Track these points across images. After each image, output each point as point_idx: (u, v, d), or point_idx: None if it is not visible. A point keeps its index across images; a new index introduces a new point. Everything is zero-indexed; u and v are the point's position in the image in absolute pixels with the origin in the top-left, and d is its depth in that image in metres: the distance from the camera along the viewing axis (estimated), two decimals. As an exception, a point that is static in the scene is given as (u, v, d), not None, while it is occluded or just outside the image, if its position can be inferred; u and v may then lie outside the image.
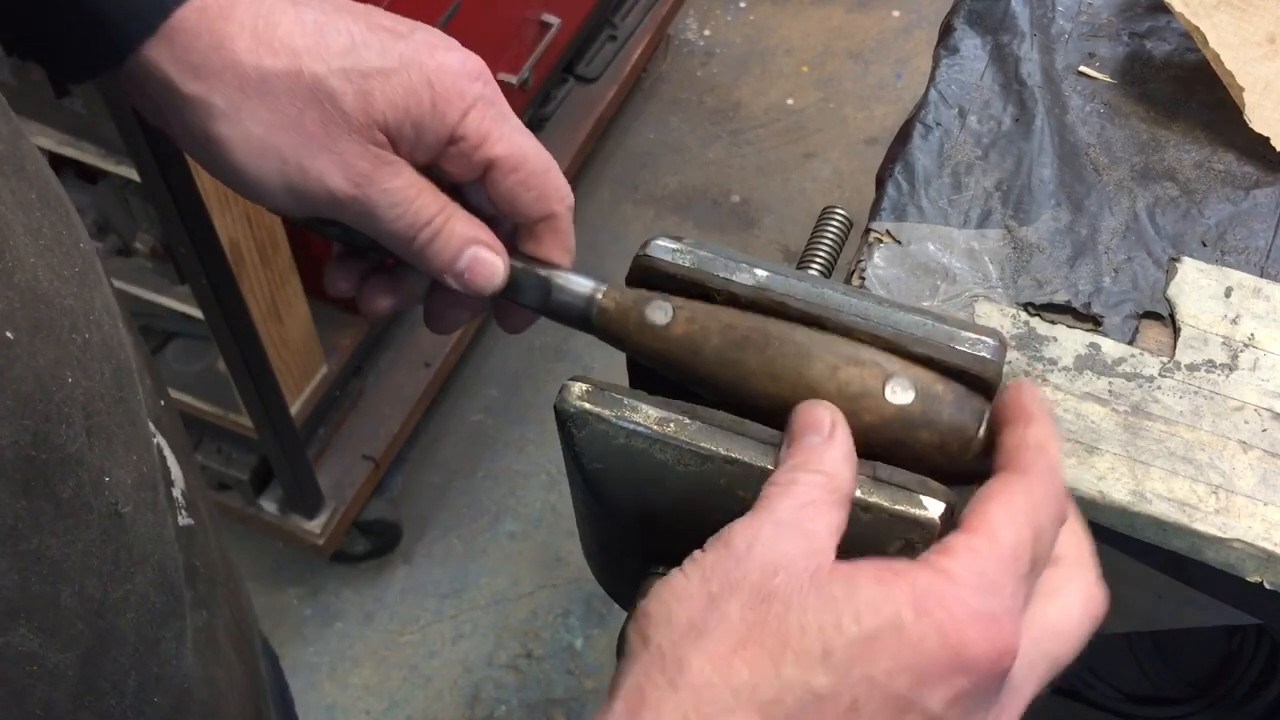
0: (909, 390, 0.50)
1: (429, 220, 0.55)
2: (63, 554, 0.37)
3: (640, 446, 0.52)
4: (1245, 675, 1.30)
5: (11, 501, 0.35)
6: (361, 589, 1.88)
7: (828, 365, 0.50)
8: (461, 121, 0.54)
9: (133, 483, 0.41)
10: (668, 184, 2.33)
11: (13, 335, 0.35)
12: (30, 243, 0.38)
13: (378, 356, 1.88)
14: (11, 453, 0.34)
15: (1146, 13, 0.91)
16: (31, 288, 0.37)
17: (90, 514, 0.38)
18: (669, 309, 0.53)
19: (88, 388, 0.39)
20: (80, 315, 0.40)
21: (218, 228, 1.29)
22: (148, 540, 0.42)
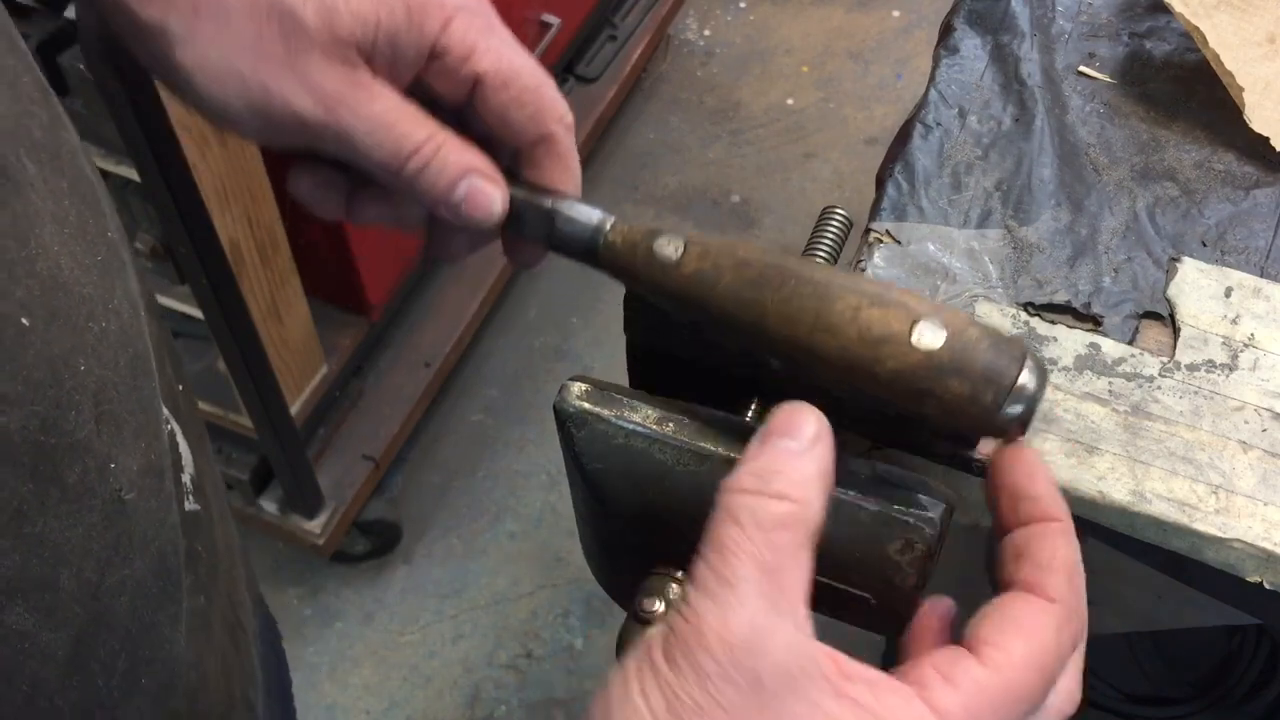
0: (939, 333, 0.45)
1: (415, 148, 0.50)
2: (64, 537, 0.37)
3: (640, 446, 0.52)
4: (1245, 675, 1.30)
5: (18, 484, 0.35)
6: (361, 589, 1.88)
7: (849, 306, 0.46)
8: (443, 33, 0.50)
9: (139, 469, 0.41)
10: (668, 184, 2.33)
11: (28, 322, 0.35)
12: (56, 231, 0.38)
13: (378, 356, 1.88)
14: (20, 436, 0.35)
15: (1146, 13, 0.91)
16: (53, 275, 0.37)
17: (94, 499, 0.38)
18: (680, 243, 0.49)
19: (100, 375, 0.39)
20: (99, 303, 0.40)
21: (218, 228, 1.29)
22: (149, 526, 0.43)
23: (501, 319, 2.11)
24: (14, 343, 0.35)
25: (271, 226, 1.47)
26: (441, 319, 1.93)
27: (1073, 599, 0.42)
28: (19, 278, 0.35)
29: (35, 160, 0.38)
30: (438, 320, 1.93)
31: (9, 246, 0.35)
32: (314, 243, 1.62)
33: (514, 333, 2.11)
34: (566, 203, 0.53)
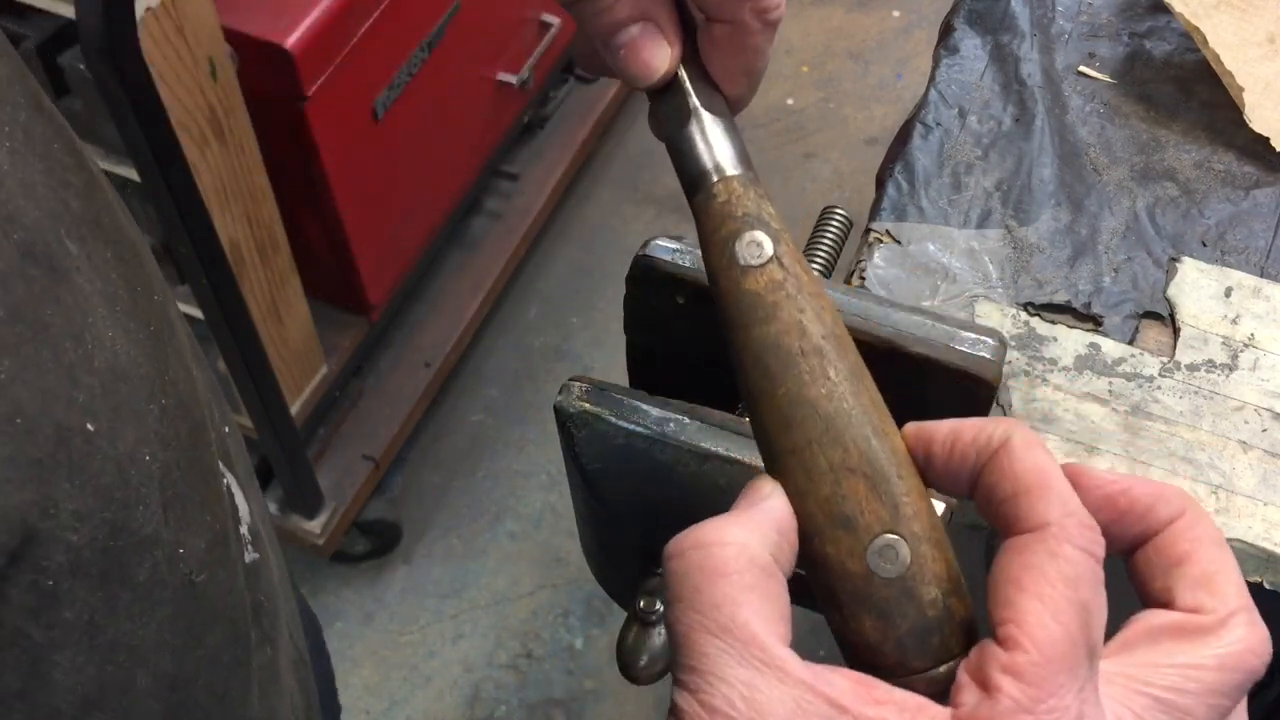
0: (898, 562, 0.36)
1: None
2: (138, 637, 0.35)
3: (640, 446, 0.52)
4: (1245, 675, 1.30)
5: (89, 597, 0.33)
6: (361, 589, 1.89)
7: (844, 462, 0.37)
8: None
9: (206, 546, 0.39)
10: (668, 184, 2.33)
11: (93, 426, 0.33)
12: (108, 313, 0.36)
13: (378, 356, 1.88)
14: (90, 550, 0.33)
15: (1146, 13, 0.91)
16: (111, 366, 0.35)
17: (165, 591, 0.36)
18: (768, 253, 0.41)
19: (164, 459, 0.37)
20: (156, 380, 0.38)
21: (218, 228, 1.29)
22: (219, 600, 0.41)
23: (501, 319, 2.11)
24: (82, 453, 0.32)
25: (271, 226, 1.47)
26: (441, 319, 1.93)
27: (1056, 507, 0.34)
28: (79, 379, 0.33)
29: (78, 238, 0.36)
30: (438, 320, 1.93)
31: (66, 348, 0.33)
32: (314, 243, 1.62)
33: (514, 333, 2.11)
34: (711, 121, 0.46)
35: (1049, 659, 0.32)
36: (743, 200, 0.43)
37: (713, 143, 0.45)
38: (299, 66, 1.37)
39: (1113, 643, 0.36)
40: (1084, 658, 0.33)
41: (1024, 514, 0.35)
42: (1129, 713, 0.33)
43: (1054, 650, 0.32)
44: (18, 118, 0.35)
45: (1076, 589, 0.33)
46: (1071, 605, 0.33)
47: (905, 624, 0.36)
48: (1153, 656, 0.35)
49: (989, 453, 0.36)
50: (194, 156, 1.25)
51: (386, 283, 1.79)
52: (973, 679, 0.33)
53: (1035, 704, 0.32)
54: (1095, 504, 0.36)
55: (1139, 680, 0.34)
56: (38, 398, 0.31)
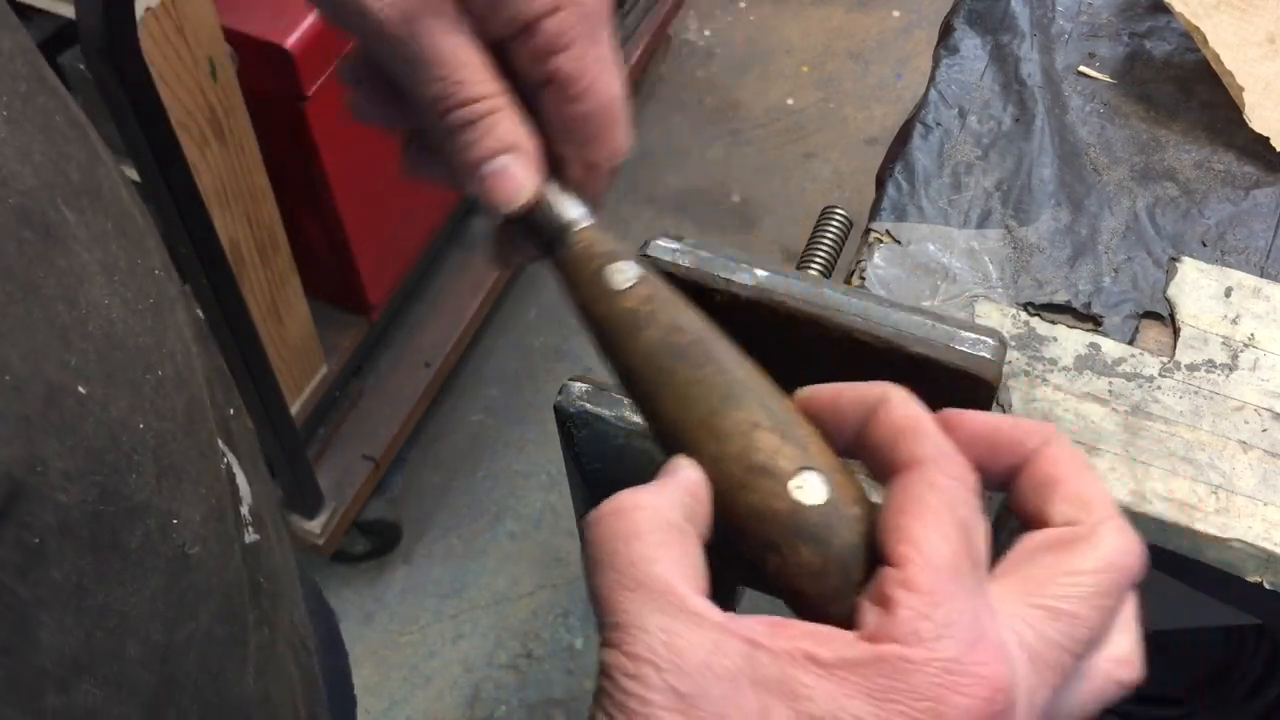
0: (821, 491, 0.39)
1: (469, 100, 0.46)
2: (129, 604, 0.35)
3: (640, 446, 0.52)
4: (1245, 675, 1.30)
5: (78, 559, 0.33)
6: (361, 589, 1.89)
7: (749, 419, 0.40)
8: (545, 18, 0.46)
9: (201, 519, 0.40)
10: (668, 184, 2.33)
11: (85, 389, 0.33)
12: (105, 281, 0.36)
13: (378, 356, 1.88)
14: (79, 511, 0.33)
15: (1146, 13, 0.91)
16: (106, 333, 0.35)
17: (157, 560, 0.37)
18: (633, 277, 0.45)
19: (159, 429, 0.37)
20: (154, 351, 0.38)
21: (218, 228, 1.29)
22: (213, 574, 0.41)
23: (501, 319, 2.11)
24: (73, 413, 0.33)
25: (271, 226, 1.47)
26: (441, 319, 1.93)
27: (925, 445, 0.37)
28: (73, 342, 0.33)
29: (76, 207, 0.36)
30: (438, 320, 1.93)
31: (60, 310, 0.33)
32: (314, 243, 1.62)
33: (514, 333, 2.11)
34: (555, 191, 0.50)
35: (938, 568, 0.34)
36: (601, 241, 0.47)
37: (564, 206, 0.49)
38: (299, 66, 1.37)
39: (1000, 566, 0.38)
40: (969, 568, 0.35)
41: (902, 456, 0.37)
42: (1025, 625, 0.35)
43: (942, 560, 0.35)
44: (18, 88, 0.35)
45: (954, 510, 0.36)
46: (953, 523, 0.35)
47: (840, 541, 0.38)
48: (1037, 571, 0.37)
49: (868, 409, 0.39)
50: (194, 156, 1.25)
51: (386, 283, 1.79)
52: (872, 602, 0.35)
53: (932, 609, 0.34)
54: (967, 442, 0.39)
55: (1028, 594, 0.36)
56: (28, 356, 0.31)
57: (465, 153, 0.47)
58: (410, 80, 0.46)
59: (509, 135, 0.47)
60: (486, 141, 0.47)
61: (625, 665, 0.34)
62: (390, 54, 0.46)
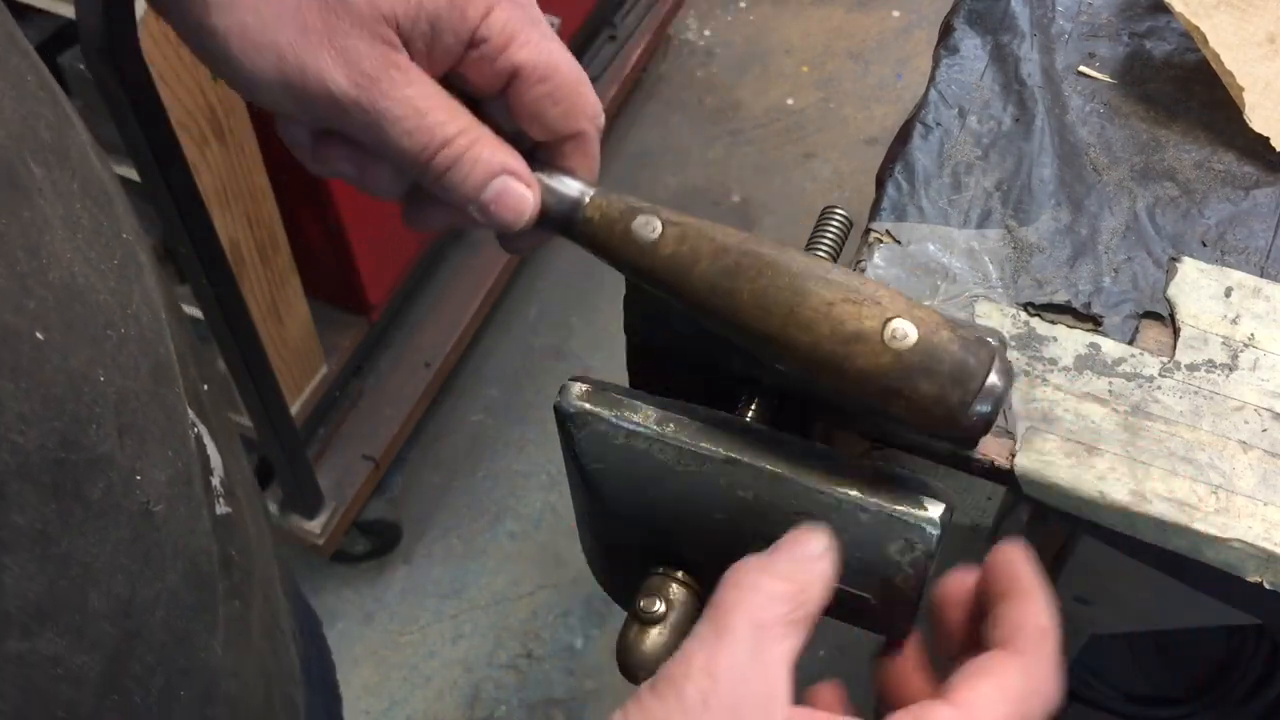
0: (910, 334, 0.45)
1: (447, 140, 0.48)
2: (91, 555, 0.36)
3: (640, 446, 0.52)
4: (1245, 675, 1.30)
5: (40, 505, 0.34)
6: (361, 589, 1.89)
7: (823, 300, 0.46)
8: (484, 21, 0.48)
9: (166, 479, 0.40)
10: (668, 184, 2.33)
11: (43, 335, 0.34)
12: (68, 236, 0.36)
13: (378, 356, 1.88)
14: (39, 456, 0.33)
15: (1146, 13, 0.91)
16: (66, 285, 0.35)
17: (120, 514, 0.37)
18: (658, 224, 0.50)
19: (121, 385, 0.37)
20: (117, 310, 0.38)
21: (218, 228, 1.29)
22: (180, 536, 0.41)
23: (501, 319, 2.11)
24: (30, 358, 0.33)
25: (271, 226, 1.47)
26: (441, 319, 1.93)
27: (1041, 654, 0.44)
28: (31, 289, 0.34)
29: (43, 163, 0.37)
30: (438, 320, 1.93)
31: (19, 258, 0.34)
32: (314, 243, 1.62)
33: (514, 333, 2.11)
34: (551, 174, 0.52)
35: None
36: (613, 204, 0.51)
37: (564, 183, 0.52)
38: (299, 66, 1.37)
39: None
40: None
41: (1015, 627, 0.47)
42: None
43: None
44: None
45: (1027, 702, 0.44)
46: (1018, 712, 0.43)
47: (947, 364, 0.45)
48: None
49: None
50: (194, 156, 1.25)
51: (386, 283, 1.79)
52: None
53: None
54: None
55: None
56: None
57: (459, 189, 0.49)
58: (386, 141, 0.48)
59: (494, 158, 0.49)
60: (476, 172, 0.49)
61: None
62: (360, 125, 0.48)
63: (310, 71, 0.47)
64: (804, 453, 0.50)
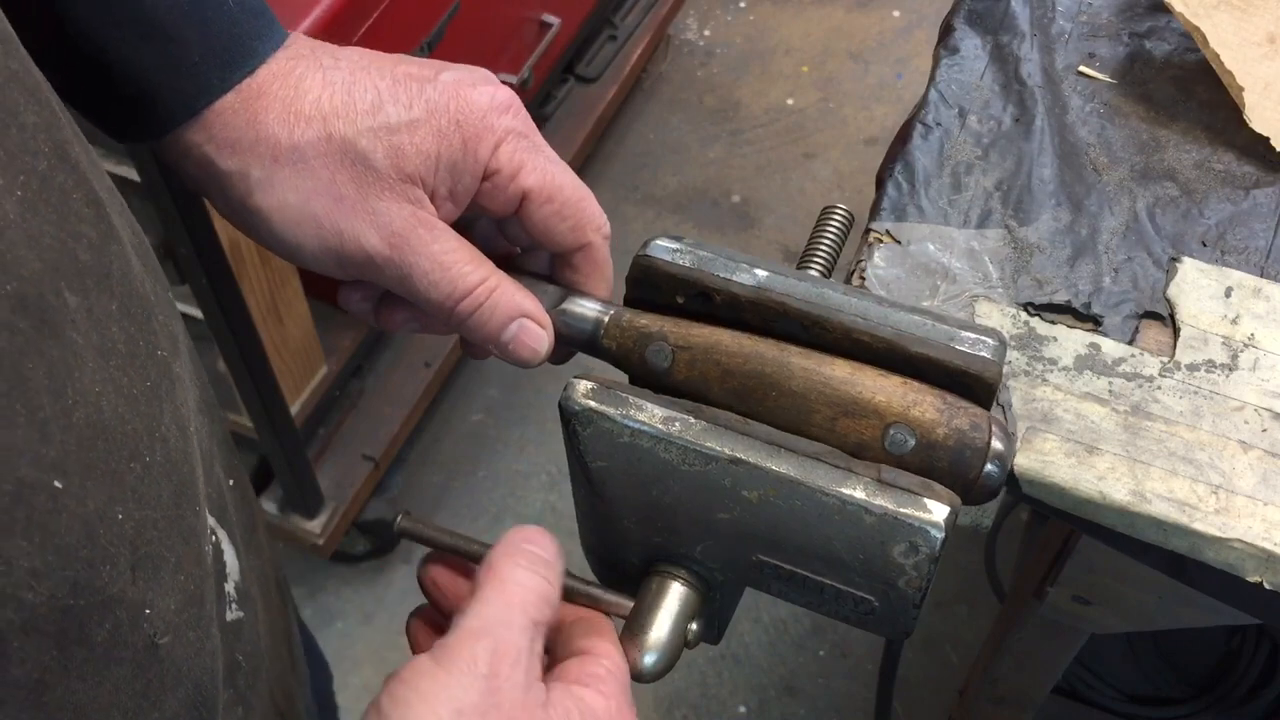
0: (908, 440, 0.50)
1: (470, 290, 0.54)
2: (89, 697, 0.35)
3: (644, 445, 0.52)
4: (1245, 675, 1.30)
5: (41, 655, 0.32)
6: (361, 589, 1.89)
7: (824, 417, 0.51)
8: (493, 155, 0.54)
9: (176, 606, 0.39)
10: (668, 184, 2.33)
11: (61, 484, 0.33)
12: (99, 366, 0.36)
13: (378, 356, 1.88)
14: (48, 607, 0.32)
15: (1146, 13, 0.91)
16: (91, 422, 0.35)
17: (124, 651, 0.36)
18: (668, 353, 0.54)
19: (140, 519, 0.37)
20: (144, 436, 0.38)
21: (218, 228, 1.29)
22: (184, 661, 0.40)
23: (501, 319, 2.11)
24: (44, 511, 0.32)
25: (272, 226, 1.47)
26: (441, 319, 1.93)
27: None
28: (51, 436, 0.33)
29: (80, 290, 0.36)
30: (438, 320, 1.93)
31: (43, 404, 0.33)
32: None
33: (514, 333, 2.11)
34: (567, 298, 0.58)
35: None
36: (626, 333, 0.56)
37: (585, 309, 0.58)
38: (299, 66, 1.37)
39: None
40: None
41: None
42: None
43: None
44: (37, 166, 0.35)
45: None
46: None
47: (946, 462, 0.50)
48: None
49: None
50: (194, 156, 1.25)
51: (386, 283, 1.79)
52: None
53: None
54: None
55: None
56: (2, 453, 0.31)
57: (481, 331, 0.55)
58: (415, 291, 0.54)
59: (511, 303, 0.55)
60: (496, 317, 0.55)
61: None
62: (393, 278, 0.54)
63: (347, 236, 0.53)
64: (809, 454, 0.50)
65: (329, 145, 0.52)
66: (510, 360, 0.56)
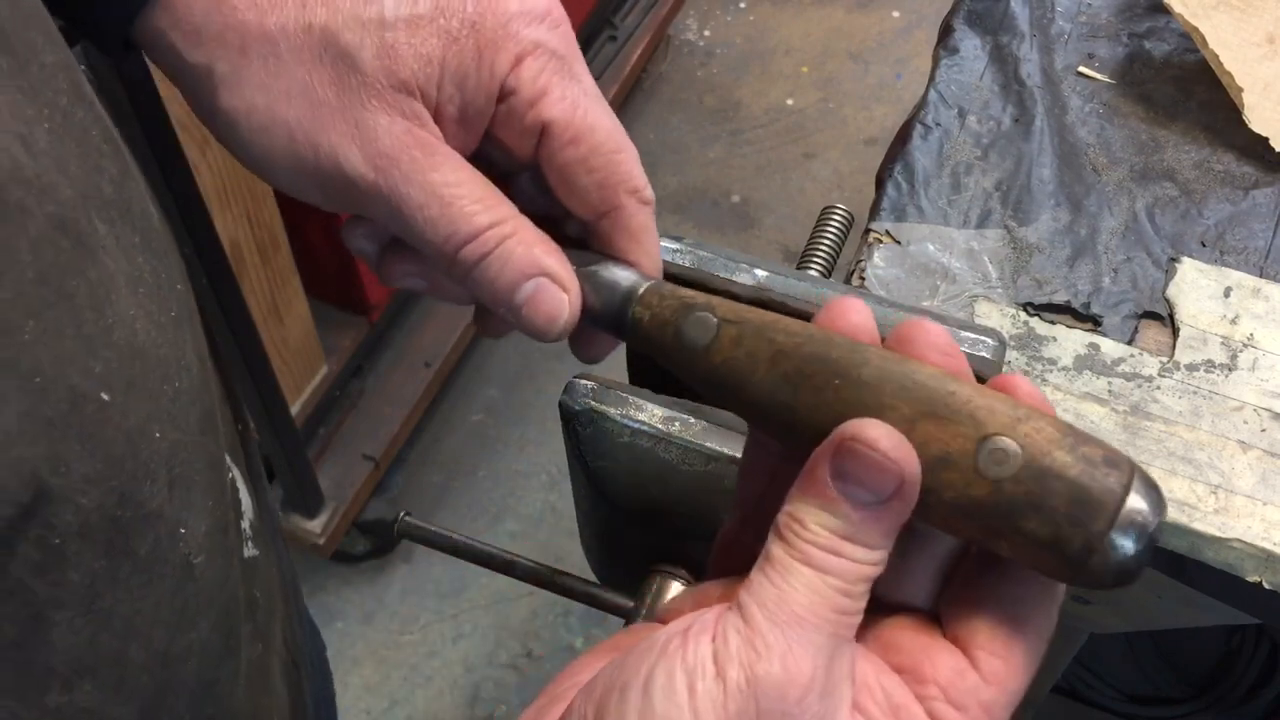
0: (1013, 456, 0.35)
1: (474, 234, 0.43)
2: (134, 609, 0.35)
3: (645, 445, 0.52)
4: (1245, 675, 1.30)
5: (93, 562, 0.33)
6: (361, 589, 1.89)
7: (900, 416, 0.37)
8: (514, 71, 0.43)
9: (206, 530, 0.39)
10: (668, 184, 2.33)
11: (108, 396, 0.33)
12: (131, 293, 0.36)
13: (378, 356, 1.88)
14: (99, 515, 0.33)
15: (1146, 13, 0.91)
16: (129, 343, 0.35)
17: (165, 567, 0.37)
18: (713, 325, 0.42)
19: (174, 440, 0.37)
20: (173, 363, 0.38)
21: (218, 228, 1.29)
22: (214, 586, 0.41)
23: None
24: (94, 420, 0.33)
25: (271, 226, 1.47)
26: (441, 319, 1.93)
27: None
28: (97, 350, 0.33)
29: (107, 219, 0.36)
30: (438, 320, 1.93)
31: (87, 319, 0.33)
32: (314, 243, 1.62)
33: (514, 333, 2.11)
34: (602, 264, 0.46)
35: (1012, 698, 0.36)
36: (665, 299, 0.44)
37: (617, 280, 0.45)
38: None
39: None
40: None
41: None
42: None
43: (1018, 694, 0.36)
44: (59, 102, 0.35)
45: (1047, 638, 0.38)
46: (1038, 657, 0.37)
47: (1062, 495, 0.34)
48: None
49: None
50: (194, 156, 1.25)
51: (386, 283, 1.79)
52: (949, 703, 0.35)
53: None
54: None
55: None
56: (55, 362, 0.32)
57: (489, 288, 0.44)
58: (407, 232, 0.44)
59: (528, 256, 0.44)
60: (508, 271, 0.44)
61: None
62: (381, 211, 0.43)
63: (323, 151, 0.43)
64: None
65: (307, 36, 0.42)
66: (525, 329, 0.46)
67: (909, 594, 0.38)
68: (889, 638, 0.37)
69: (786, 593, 0.34)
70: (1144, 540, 0.34)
